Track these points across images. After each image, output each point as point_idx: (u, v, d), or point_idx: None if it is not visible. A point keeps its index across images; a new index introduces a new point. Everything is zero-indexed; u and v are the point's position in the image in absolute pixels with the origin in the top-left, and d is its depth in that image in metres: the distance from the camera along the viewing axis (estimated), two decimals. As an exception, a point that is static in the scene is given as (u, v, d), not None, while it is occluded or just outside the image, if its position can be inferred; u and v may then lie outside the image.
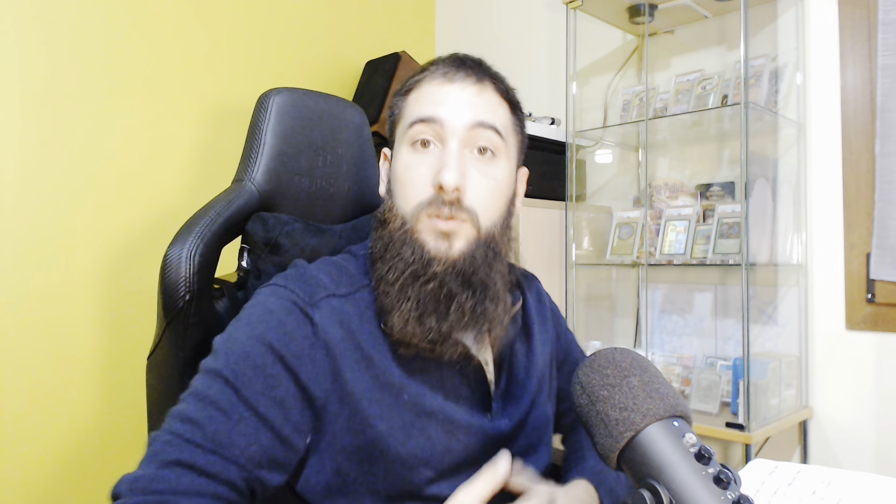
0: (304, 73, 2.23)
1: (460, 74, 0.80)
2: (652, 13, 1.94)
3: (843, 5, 1.75)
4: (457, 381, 0.80)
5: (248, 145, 0.94)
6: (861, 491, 0.68)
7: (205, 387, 0.68)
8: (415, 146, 0.78)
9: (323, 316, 0.74)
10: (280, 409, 0.69)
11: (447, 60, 0.82)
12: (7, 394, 1.55)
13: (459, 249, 0.76)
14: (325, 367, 0.72)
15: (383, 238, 0.78)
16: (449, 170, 0.74)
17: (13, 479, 1.55)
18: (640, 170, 2.14)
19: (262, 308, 0.74)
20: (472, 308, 0.76)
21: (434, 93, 0.79)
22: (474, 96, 0.79)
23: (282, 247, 0.90)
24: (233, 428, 0.66)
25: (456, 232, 0.75)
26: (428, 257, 0.75)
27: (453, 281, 0.75)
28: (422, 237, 0.76)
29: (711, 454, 0.51)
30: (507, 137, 0.81)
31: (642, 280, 2.03)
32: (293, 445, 0.71)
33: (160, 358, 0.88)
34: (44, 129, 1.63)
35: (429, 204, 0.75)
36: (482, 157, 0.78)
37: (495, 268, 0.78)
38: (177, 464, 0.63)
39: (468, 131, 0.77)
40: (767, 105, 1.77)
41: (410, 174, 0.78)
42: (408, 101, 0.82)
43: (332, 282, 0.78)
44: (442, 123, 0.77)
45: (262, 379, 0.69)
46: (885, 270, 1.64)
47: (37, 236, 1.61)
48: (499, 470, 0.69)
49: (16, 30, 1.58)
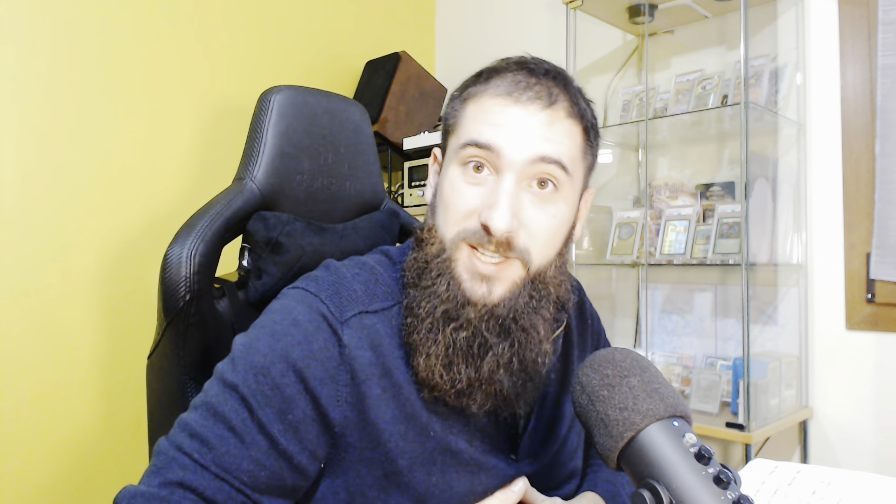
0: (305, 72, 2.23)
1: (529, 94, 0.68)
2: (652, 13, 1.94)
3: (843, 5, 1.75)
4: (485, 420, 0.73)
5: (248, 144, 0.94)
6: (861, 491, 0.68)
7: (219, 401, 0.64)
8: (466, 167, 0.69)
9: (352, 336, 0.68)
10: (294, 435, 0.65)
11: (515, 69, 0.71)
12: (7, 394, 1.55)
13: (500, 295, 0.68)
14: (348, 392, 0.67)
15: (419, 261, 0.71)
16: (499, 211, 0.65)
17: (13, 479, 1.55)
18: (640, 170, 2.14)
19: (289, 318, 0.68)
20: (509, 360, 0.69)
21: (496, 112, 0.69)
22: (543, 126, 0.68)
23: (283, 246, 0.90)
24: (242, 451, 0.62)
25: (498, 276, 0.68)
26: (464, 298, 0.68)
27: (489, 329, 0.68)
28: (459, 272, 0.68)
29: (711, 454, 0.51)
30: (573, 170, 0.70)
31: (642, 280, 2.03)
32: (304, 471, 0.66)
33: (160, 358, 0.88)
34: (42, 128, 1.62)
35: (472, 236, 0.67)
36: (542, 191, 0.69)
37: (540, 312, 0.70)
38: (180, 485, 0.60)
39: (529, 166, 0.67)
40: (767, 105, 1.77)
41: (457, 199, 0.69)
42: (465, 113, 0.72)
43: (367, 294, 0.71)
44: (499, 154, 0.67)
45: (280, 401, 0.64)
46: (885, 270, 1.64)
47: (36, 236, 1.61)
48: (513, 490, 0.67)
49: (14, 29, 1.58)
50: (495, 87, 0.70)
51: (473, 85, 0.73)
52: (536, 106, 0.68)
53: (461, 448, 0.71)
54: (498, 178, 0.68)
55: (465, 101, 0.73)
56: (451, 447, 0.71)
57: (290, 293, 0.71)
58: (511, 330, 0.68)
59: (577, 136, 0.71)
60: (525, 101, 0.68)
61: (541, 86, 0.69)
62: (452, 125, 0.74)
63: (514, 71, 0.70)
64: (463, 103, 0.73)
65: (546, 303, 0.71)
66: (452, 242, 0.69)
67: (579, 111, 0.71)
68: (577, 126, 0.71)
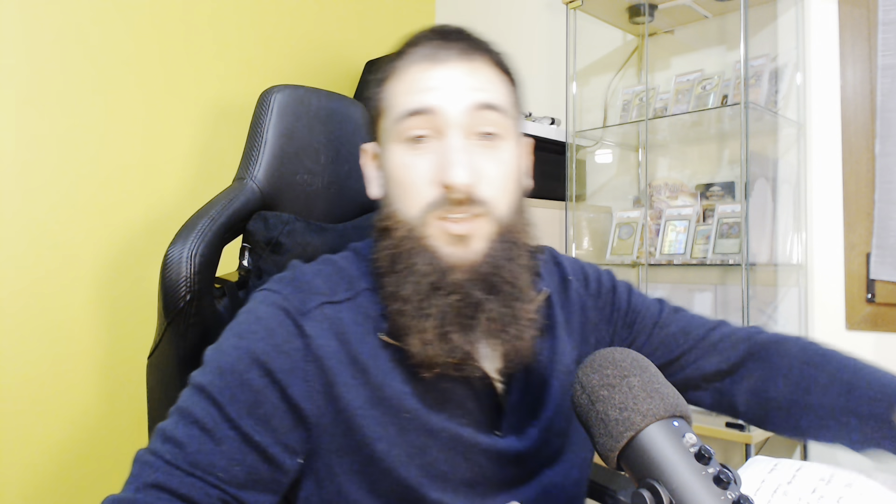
0: (305, 72, 2.23)
1: (445, 52, 0.70)
2: (652, 13, 1.94)
3: (843, 5, 1.75)
4: (462, 394, 0.72)
5: (249, 143, 0.94)
6: (861, 489, 0.68)
7: (190, 403, 0.65)
8: (408, 143, 0.70)
9: (315, 326, 0.69)
10: (267, 428, 0.65)
11: (427, 36, 0.73)
12: (6, 394, 1.55)
13: (479, 251, 0.69)
14: (317, 383, 0.68)
15: (388, 248, 0.71)
16: (455, 166, 0.66)
17: (12, 480, 1.55)
18: (640, 170, 2.14)
19: (252, 316, 0.69)
20: (501, 315, 0.69)
21: (420, 78, 0.70)
22: (467, 75, 0.70)
23: (283, 246, 0.90)
24: (215, 448, 0.63)
25: (472, 233, 0.68)
26: (445, 265, 0.68)
27: (477, 288, 0.68)
28: (433, 243, 0.69)
29: (711, 454, 0.51)
30: (510, 114, 0.72)
31: (642, 280, 2.03)
32: (281, 465, 0.66)
33: (161, 358, 0.88)
34: (42, 127, 1.62)
35: (437, 206, 0.68)
36: (488, 141, 0.70)
37: (518, 260, 0.71)
38: (154, 486, 0.61)
39: (468, 117, 0.69)
40: (767, 105, 1.77)
41: (409, 174, 0.69)
42: (389, 91, 0.73)
43: (329, 286, 0.72)
44: (436, 113, 0.68)
45: (248, 395, 0.65)
46: (885, 270, 1.64)
47: (36, 236, 1.61)
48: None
49: (12, 29, 1.58)
50: (412, 56, 0.72)
51: (391, 63, 0.74)
52: (457, 61, 0.70)
53: (441, 427, 0.71)
54: (442, 139, 0.69)
55: (385, 80, 0.74)
56: (430, 427, 0.70)
57: (255, 295, 0.73)
58: (496, 284, 0.69)
59: (502, 83, 0.73)
60: (445, 59, 0.70)
61: (455, 43, 0.72)
62: (379, 108, 0.74)
63: (428, 38, 0.73)
64: (385, 84, 0.74)
65: (521, 250, 0.72)
66: (419, 219, 0.69)
67: (497, 58, 0.74)
68: (500, 73, 0.74)
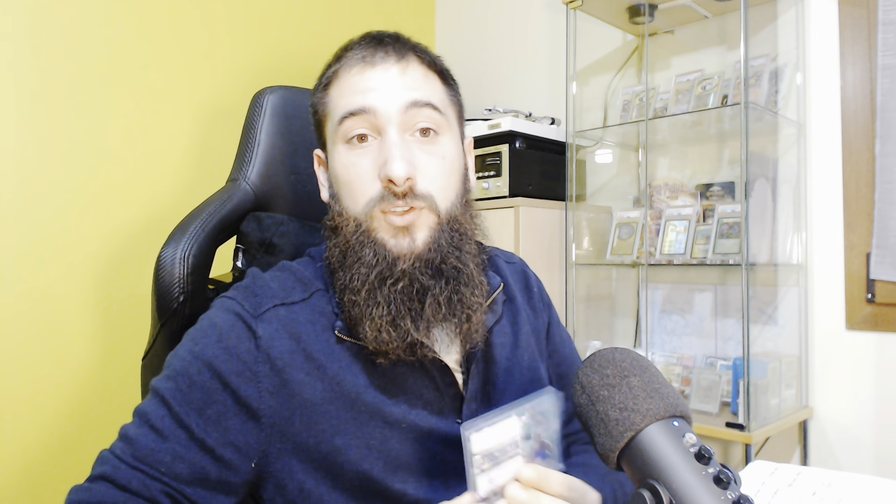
0: (302, 72, 2.22)
1: (380, 55, 0.75)
2: (652, 13, 1.94)
3: (843, 5, 1.74)
4: (420, 384, 0.75)
5: (242, 145, 0.94)
6: (861, 493, 0.67)
7: (145, 405, 0.69)
8: (351, 143, 0.74)
9: (267, 328, 0.71)
10: (217, 428, 0.67)
11: (361, 43, 0.77)
12: (1, 394, 1.54)
13: (423, 240, 0.72)
14: (270, 383, 0.69)
15: (339, 245, 0.74)
16: (394, 160, 0.70)
17: (8, 480, 1.54)
18: (640, 170, 2.13)
19: (207, 322, 0.72)
20: (448, 298, 0.72)
21: (356, 81, 0.74)
22: (400, 75, 0.74)
23: (277, 246, 0.90)
24: (161, 446, 0.66)
25: (415, 223, 0.72)
26: (392, 256, 0.71)
27: (423, 274, 0.71)
28: (380, 236, 0.72)
29: (711, 454, 0.50)
30: (445, 111, 0.77)
31: (642, 280, 2.02)
32: (231, 464, 0.68)
33: (155, 359, 0.87)
34: (38, 129, 1.62)
35: (380, 200, 0.71)
36: (425, 137, 0.74)
37: (464, 249, 0.75)
38: (102, 478, 0.65)
39: (404, 114, 0.72)
40: (767, 105, 1.77)
41: (353, 172, 0.73)
42: (330, 96, 0.77)
43: (283, 289, 0.75)
44: (374, 112, 0.72)
45: (199, 396, 0.68)
46: (885, 270, 1.63)
47: (30, 237, 1.60)
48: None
49: (11, 29, 1.58)
50: (348, 61, 0.76)
51: (329, 69, 0.79)
52: (389, 62, 0.74)
53: (397, 416, 0.72)
54: (382, 137, 0.73)
55: (326, 87, 0.78)
56: (388, 418, 0.72)
57: (214, 302, 0.75)
58: (443, 270, 0.73)
59: (435, 81, 0.78)
60: (379, 62, 0.74)
61: (388, 47, 0.76)
62: (323, 114, 0.78)
63: (362, 43, 0.77)
64: (325, 90, 0.78)
65: (466, 241, 0.76)
66: (365, 214, 0.73)
67: (429, 59, 0.78)
68: (431, 72, 0.78)
